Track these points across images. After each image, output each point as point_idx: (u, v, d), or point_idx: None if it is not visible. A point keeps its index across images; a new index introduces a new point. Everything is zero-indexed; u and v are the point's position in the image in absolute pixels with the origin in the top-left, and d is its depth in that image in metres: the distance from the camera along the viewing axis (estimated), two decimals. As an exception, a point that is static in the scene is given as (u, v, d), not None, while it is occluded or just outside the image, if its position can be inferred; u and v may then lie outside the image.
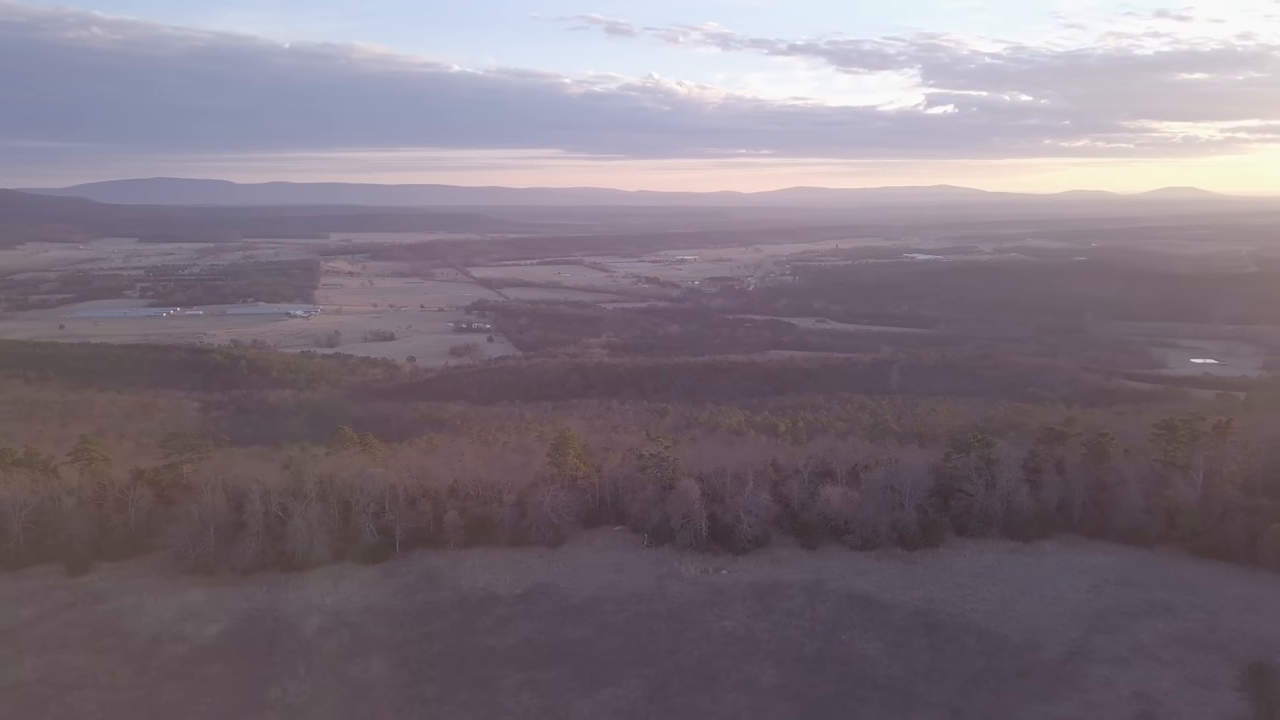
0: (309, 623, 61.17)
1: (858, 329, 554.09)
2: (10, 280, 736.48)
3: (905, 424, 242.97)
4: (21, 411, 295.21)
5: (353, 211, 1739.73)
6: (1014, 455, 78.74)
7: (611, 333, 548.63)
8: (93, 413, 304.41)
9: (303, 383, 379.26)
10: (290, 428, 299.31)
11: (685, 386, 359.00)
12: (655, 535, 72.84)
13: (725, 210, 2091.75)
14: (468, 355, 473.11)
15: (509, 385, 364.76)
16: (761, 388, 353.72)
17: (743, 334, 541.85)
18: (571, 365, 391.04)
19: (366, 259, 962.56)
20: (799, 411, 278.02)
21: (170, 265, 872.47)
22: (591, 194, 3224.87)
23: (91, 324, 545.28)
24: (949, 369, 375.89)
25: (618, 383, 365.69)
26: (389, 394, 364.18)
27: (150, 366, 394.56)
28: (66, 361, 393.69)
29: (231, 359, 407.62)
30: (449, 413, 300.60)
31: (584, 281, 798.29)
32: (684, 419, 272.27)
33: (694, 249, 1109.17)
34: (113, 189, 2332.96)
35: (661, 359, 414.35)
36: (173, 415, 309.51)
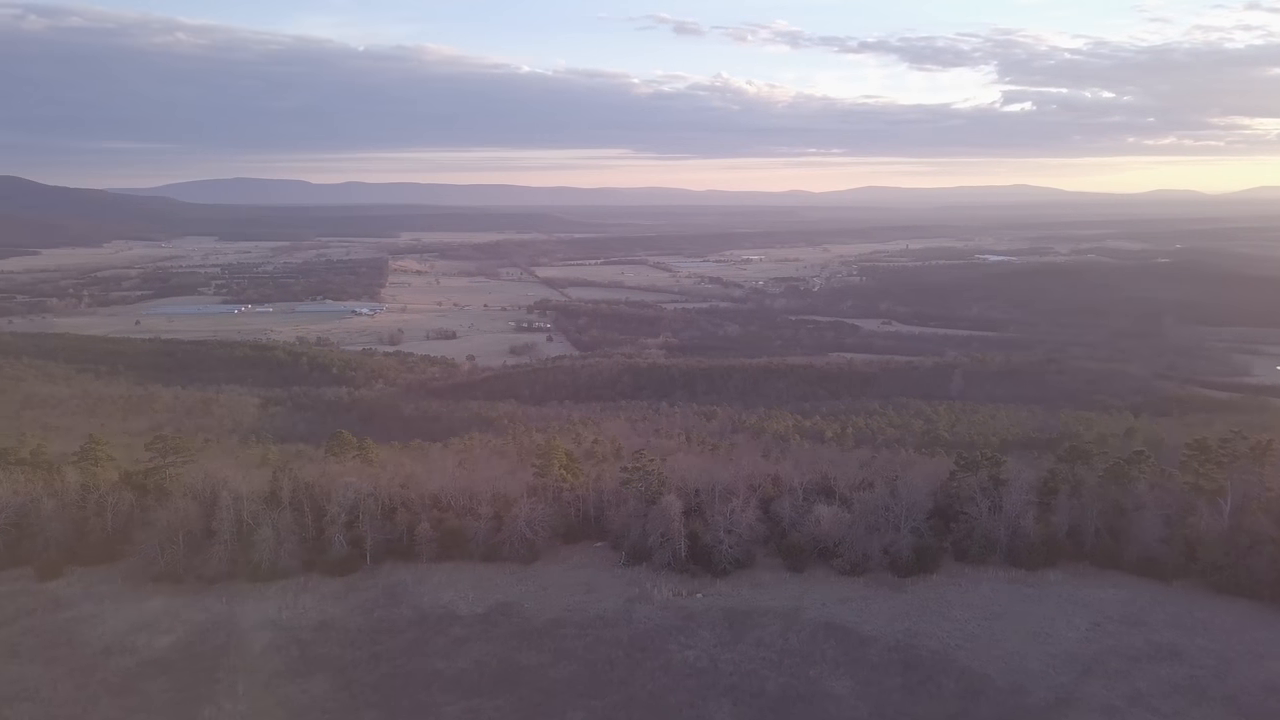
0: (259, 638, 59.32)
1: (924, 331, 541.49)
2: (94, 277, 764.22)
3: (958, 432, 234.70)
4: (87, 406, 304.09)
5: (423, 211, 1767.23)
6: (1026, 475, 72.92)
7: (670, 333, 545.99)
8: (154, 407, 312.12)
9: (361, 380, 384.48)
10: (343, 425, 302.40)
11: (738, 389, 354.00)
12: (633, 554, 69.30)
13: (794, 210, 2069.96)
14: (526, 354, 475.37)
15: (561, 385, 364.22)
16: (816, 391, 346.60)
17: (804, 335, 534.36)
18: (624, 366, 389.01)
19: (435, 258, 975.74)
20: (851, 417, 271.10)
21: (245, 263, 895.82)
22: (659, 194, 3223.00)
23: (166, 320, 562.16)
24: (1013, 374, 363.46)
25: (669, 384, 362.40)
26: (443, 392, 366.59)
27: (215, 363, 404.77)
28: (136, 357, 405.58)
29: (293, 356, 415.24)
30: (497, 412, 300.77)
31: (646, 281, 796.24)
32: (731, 422, 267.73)
33: (760, 249, 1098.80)
34: (196, 189, 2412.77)
35: (716, 360, 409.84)
36: (231, 411, 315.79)
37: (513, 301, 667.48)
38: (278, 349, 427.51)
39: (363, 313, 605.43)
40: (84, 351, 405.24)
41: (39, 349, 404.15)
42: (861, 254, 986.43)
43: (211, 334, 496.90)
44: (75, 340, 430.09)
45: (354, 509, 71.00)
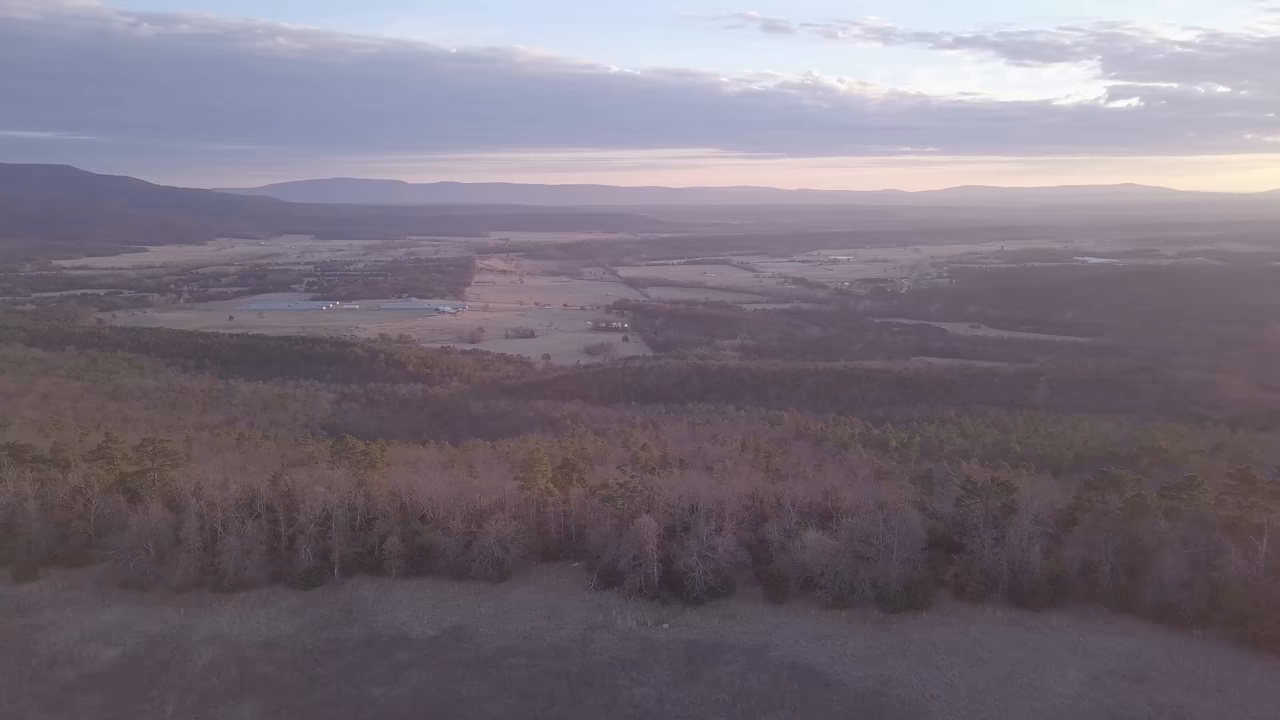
0: (204, 654, 57.42)
1: (1013, 336, 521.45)
2: (196, 273, 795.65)
3: (1032, 444, 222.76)
4: (169, 399, 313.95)
5: (514, 211, 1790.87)
6: (1042, 504, 65.89)
7: (747, 334, 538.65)
8: (232, 401, 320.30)
9: (436, 377, 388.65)
10: (414, 422, 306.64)
11: (810, 393, 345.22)
12: (605, 577, 65.18)
13: (887, 209, 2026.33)
14: (601, 354, 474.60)
15: (629, 386, 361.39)
16: (891, 397, 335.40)
17: (887, 339, 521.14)
18: (693, 368, 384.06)
19: (520, 257, 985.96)
20: (922, 425, 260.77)
21: (338, 261, 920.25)
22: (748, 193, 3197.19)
23: (257, 316, 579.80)
24: (1103, 383, 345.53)
25: (739, 387, 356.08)
26: (513, 391, 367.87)
27: (297, 358, 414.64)
28: (223, 351, 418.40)
29: (371, 353, 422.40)
30: (562, 413, 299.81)
31: (729, 281, 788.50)
32: (796, 428, 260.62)
33: (849, 249, 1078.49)
34: (296, 189, 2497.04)
35: (790, 363, 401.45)
36: (305, 406, 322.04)
37: (593, 301, 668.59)
38: (356, 346, 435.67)
39: (445, 311, 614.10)
40: (174, 345, 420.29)
41: (134, 342, 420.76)
42: (954, 255, 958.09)
43: (299, 330, 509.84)
44: (168, 335, 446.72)
45: (325, 520, 68.88)
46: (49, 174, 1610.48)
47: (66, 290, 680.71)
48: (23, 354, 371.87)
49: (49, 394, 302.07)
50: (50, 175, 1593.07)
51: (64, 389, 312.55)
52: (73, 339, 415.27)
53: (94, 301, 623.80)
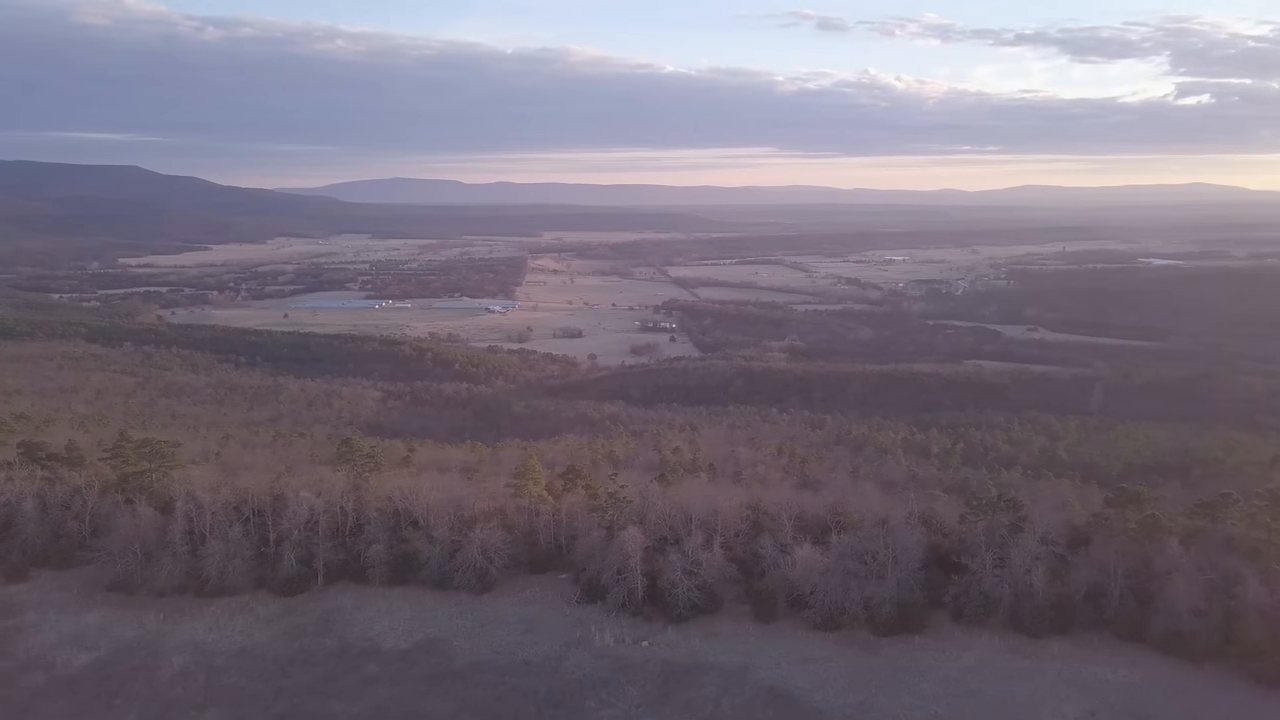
0: (175, 662, 56.60)
1: (1072, 340, 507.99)
2: (254, 271, 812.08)
3: (1081, 452, 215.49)
4: (218, 395, 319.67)
5: (567, 211, 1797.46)
6: (1053, 521, 61.85)
7: (796, 336, 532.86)
8: (279, 398, 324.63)
9: (481, 376, 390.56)
10: (457, 421, 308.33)
11: (856, 396, 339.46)
12: (588, 591, 62.95)
13: (945, 209, 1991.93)
14: (647, 354, 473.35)
15: (672, 387, 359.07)
16: (940, 401, 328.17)
17: (940, 341, 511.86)
18: (737, 369, 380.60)
19: (572, 257, 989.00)
20: (968, 431, 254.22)
21: (393, 260, 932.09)
22: (804, 192, 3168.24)
23: (311, 314, 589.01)
24: (1162, 388, 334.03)
25: (783, 390, 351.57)
26: (557, 391, 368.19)
27: (346, 356, 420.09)
28: (274, 349, 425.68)
29: (419, 351, 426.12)
30: (602, 413, 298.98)
31: (780, 281, 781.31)
32: (838, 433, 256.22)
33: (905, 249, 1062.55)
34: (356, 189, 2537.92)
35: (837, 366, 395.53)
36: (351, 404, 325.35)
37: (642, 301, 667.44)
38: (405, 344, 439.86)
39: (495, 310, 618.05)
40: (228, 342, 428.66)
41: (189, 339, 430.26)
42: (1013, 256, 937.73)
43: (351, 328, 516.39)
44: (222, 332, 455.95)
45: (311, 526, 67.86)
46: (119, 174, 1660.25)
47: (130, 288, 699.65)
48: (82, 350, 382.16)
49: (103, 389, 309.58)
50: (120, 176, 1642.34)
51: (118, 385, 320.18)
52: (131, 335, 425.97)
53: (156, 299, 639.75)
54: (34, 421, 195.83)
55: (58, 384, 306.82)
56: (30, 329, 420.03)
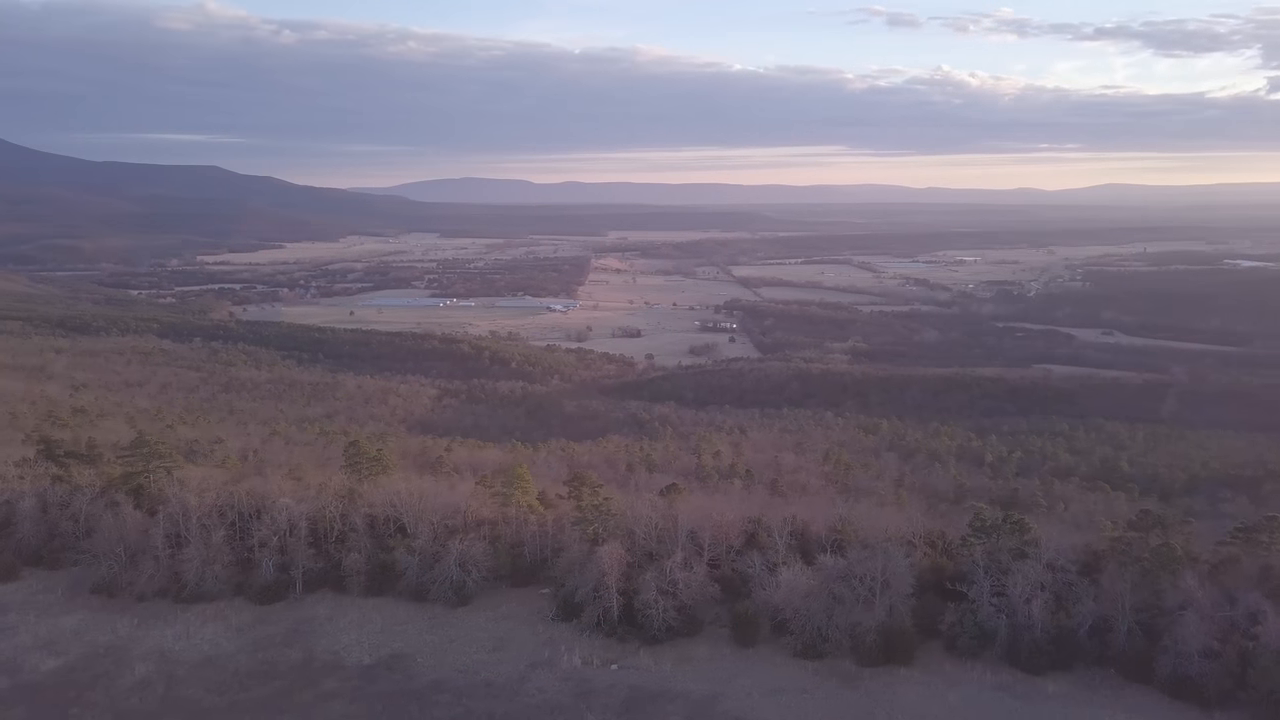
0: (138, 670, 55.38)
1: (1149, 344, 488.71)
2: (325, 269, 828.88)
3: (1146, 463, 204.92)
4: (277, 390, 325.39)
5: (634, 210, 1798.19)
6: (1062, 547, 56.64)
7: (859, 337, 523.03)
8: (337, 394, 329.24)
9: (537, 375, 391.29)
10: (510, 419, 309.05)
11: (915, 400, 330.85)
12: (564, 607, 59.98)
13: (1022, 209, 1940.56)
14: (705, 355, 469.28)
15: (725, 389, 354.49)
16: (1003, 407, 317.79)
17: (1009, 344, 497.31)
18: (794, 371, 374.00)
19: (635, 256, 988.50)
20: (1028, 438, 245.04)
21: (459, 259, 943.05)
22: (875, 191, 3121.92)
23: (376, 311, 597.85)
24: (1242, 397, 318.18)
25: (841, 392, 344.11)
26: (610, 391, 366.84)
27: (406, 354, 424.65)
28: (337, 346, 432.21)
29: (477, 349, 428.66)
30: (652, 414, 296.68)
31: (846, 282, 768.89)
32: (890, 438, 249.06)
33: (978, 250, 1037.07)
34: (427, 188, 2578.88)
35: (898, 369, 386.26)
36: (406, 401, 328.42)
37: (703, 300, 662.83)
38: (463, 343, 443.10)
39: (556, 309, 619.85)
40: (292, 339, 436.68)
41: (256, 335, 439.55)
42: (1090, 257, 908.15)
43: (414, 325, 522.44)
44: (287, 329, 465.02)
45: (286, 532, 66.38)
46: (199, 174, 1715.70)
47: (206, 284, 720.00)
48: (153, 345, 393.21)
49: (168, 384, 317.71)
50: (200, 176, 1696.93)
51: (182, 379, 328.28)
52: (201, 331, 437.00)
53: (229, 295, 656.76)
54: (90, 415, 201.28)
55: (125, 378, 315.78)
56: (106, 324, 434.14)
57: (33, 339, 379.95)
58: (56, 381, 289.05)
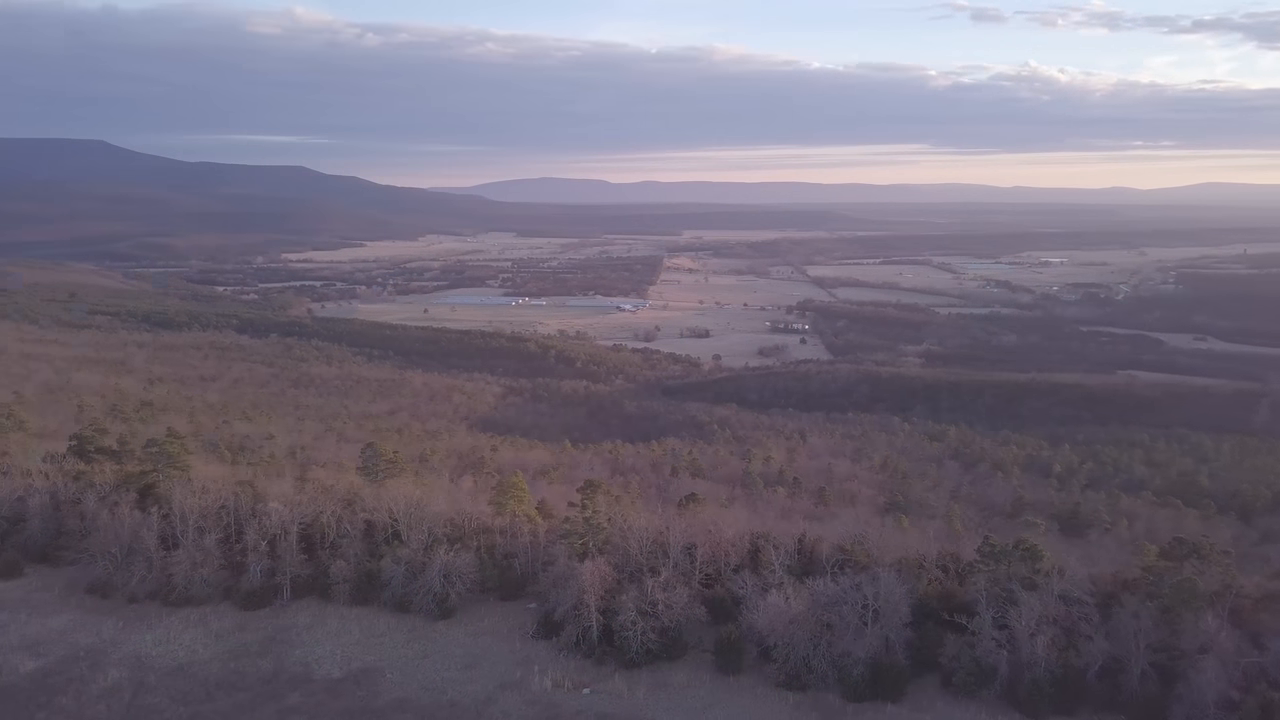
0: (110, 676, 54.55)
1: (1245, 351, 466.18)
2: (402, 268, 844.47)
3: (1229, 478, 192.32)
4: (344, 387, 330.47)
5: (710, 209, 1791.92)
6: (1078, 577, 51.34)
7: (934, 340, 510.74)
8: (402, 391, 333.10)
9: (601, 375, 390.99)
10: (571, 419, 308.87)
11: (988, 407, 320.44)
12: (544, 625, 57.19)
13: (1113, 209, 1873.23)
14: (774, 356, 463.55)
15: (790, 392, 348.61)
16: (1079, 414, 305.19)
17: (1093, 349, 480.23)
18: (862, 374, 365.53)
19: (709, 256, 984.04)
20: (1103, 449, 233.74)
21: (533, 258, 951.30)
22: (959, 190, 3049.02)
23: (450, 309, 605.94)
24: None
25: (909, 397, 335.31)
26: (673, 391, 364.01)
27: (474, 351, 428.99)
28: (407, 343, 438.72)
29: (543, 348, 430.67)
30: (712, 416, 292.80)
31: (924, 283, 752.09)
32: (956, 446, 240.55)
33: (1064, 251, 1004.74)
34: (506, 188, 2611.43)
35: (971, 373, 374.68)
36: (470, 399, 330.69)
37: (775, 301, 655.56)
38: (530, 341, 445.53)
39: (626, 309, 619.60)
40: (364, 336, 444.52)
41: (329, 332, 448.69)
42: (1185, 259, 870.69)
43: (485, 324, 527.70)
44: (359, 326, 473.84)
45: (282, 537, 65.22)
46: (285, 174, 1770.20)
47: (288, 281, 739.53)
48: (230, 340, 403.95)
49: (240, 379, 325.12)
50: (286, 176, 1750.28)
51: (254, 374, 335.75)
52: (277, 327, 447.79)
53: (309, 292, 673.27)
54: (155, 409, 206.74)
55: (199, 373, 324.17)
56: (188, 320, 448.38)
57: (118, 333, 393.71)
58: (134, 375, 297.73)
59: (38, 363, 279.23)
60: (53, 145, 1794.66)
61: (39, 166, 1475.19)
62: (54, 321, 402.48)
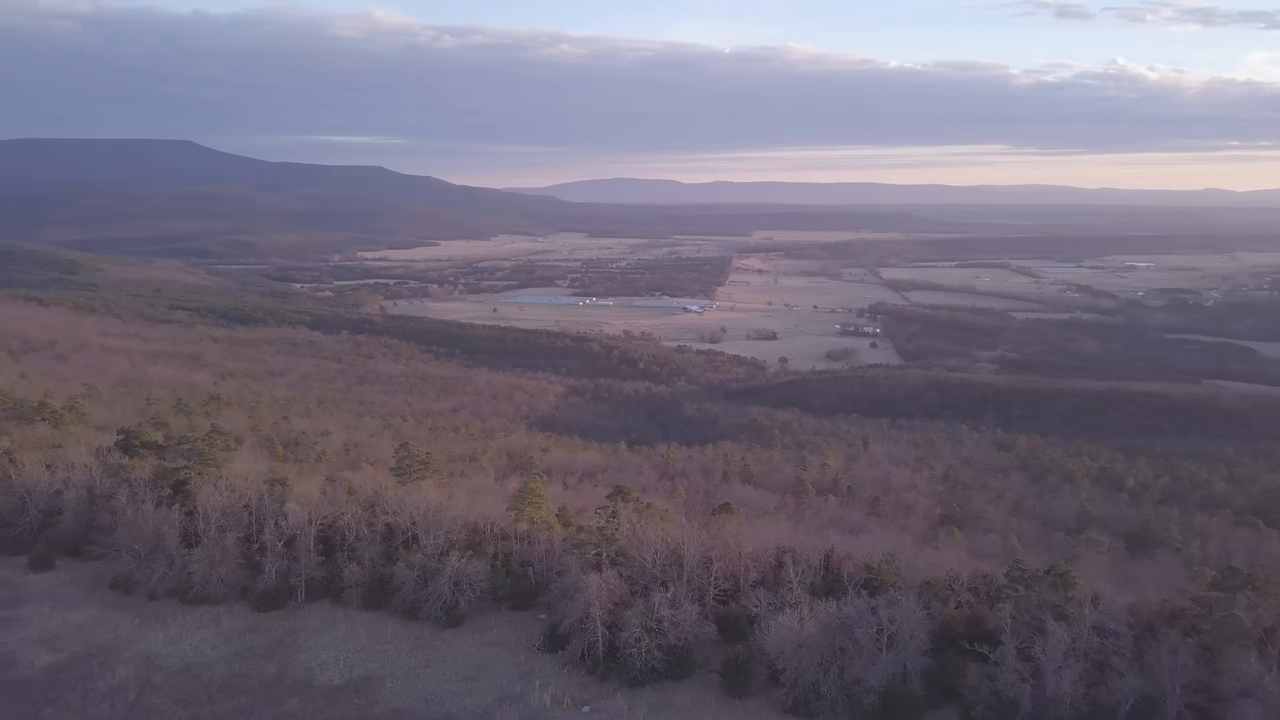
0: (119, 674, 54.51)
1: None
2: (474, 267, 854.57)
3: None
4: (409, 385, 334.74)
5: (782, 210, 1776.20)
6: (1115, 608, 47.32)
7: (1010, 346, 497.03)
8: (466, 389, 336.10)
9: (664, 376, 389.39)
10: (630, 420, 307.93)
11: (1062, 415, 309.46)
12: (551, 637, 55.32)
13: (1206, 211, 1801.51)
14: (842, 360, 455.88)
15: (856, 397, 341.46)
16: (1160, 425, 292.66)
17: (1178, 357, 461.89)
18: (931, 380, 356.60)
19: (779, 257, 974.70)
20: (1182, 463, 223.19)
21: (602, 259, 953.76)
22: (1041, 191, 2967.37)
23: (518, 309, 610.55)
24: None
25: (979, 405, 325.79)
26: (736, 394, 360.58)
27: (538, 351, 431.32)
28: (474, 341, 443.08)
29: (606, 348, 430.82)
30: (773, 420, 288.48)
31: (1002, 287, 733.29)
32: (1026, 456, 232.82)
33: (1152, 255, 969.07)
34: (578, 188, 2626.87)
35: (1045, 380, 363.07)
36: (532, 398, 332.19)
37: (846, 303, 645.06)
38: (594, 341, 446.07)
39: (692, 310, 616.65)
40: (432, 334, 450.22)
41: (399, 329, 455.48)
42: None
43: (552, 323, 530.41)
44: (427, 324, 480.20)
45: (297, 537, 64.72)
46: (363, 174, 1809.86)
47: (363, 279, 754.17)
48: (302, 336, 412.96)
49: (307, 374, 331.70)
50: (364, 175, 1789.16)
51: (322, 370, 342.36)
52: (348, 324, 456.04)
53: (382, 290, 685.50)
54: (220, 403, 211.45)
55: (270, 368, 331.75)
56: (264, 316, 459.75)
57: (196, 328, 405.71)
58: (207, 369, 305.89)
59: (116, 356, 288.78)
60: (145, 145, 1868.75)
61: (132, 166, 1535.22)
62: (137, 316, 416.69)
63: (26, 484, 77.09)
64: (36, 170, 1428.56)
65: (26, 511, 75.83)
